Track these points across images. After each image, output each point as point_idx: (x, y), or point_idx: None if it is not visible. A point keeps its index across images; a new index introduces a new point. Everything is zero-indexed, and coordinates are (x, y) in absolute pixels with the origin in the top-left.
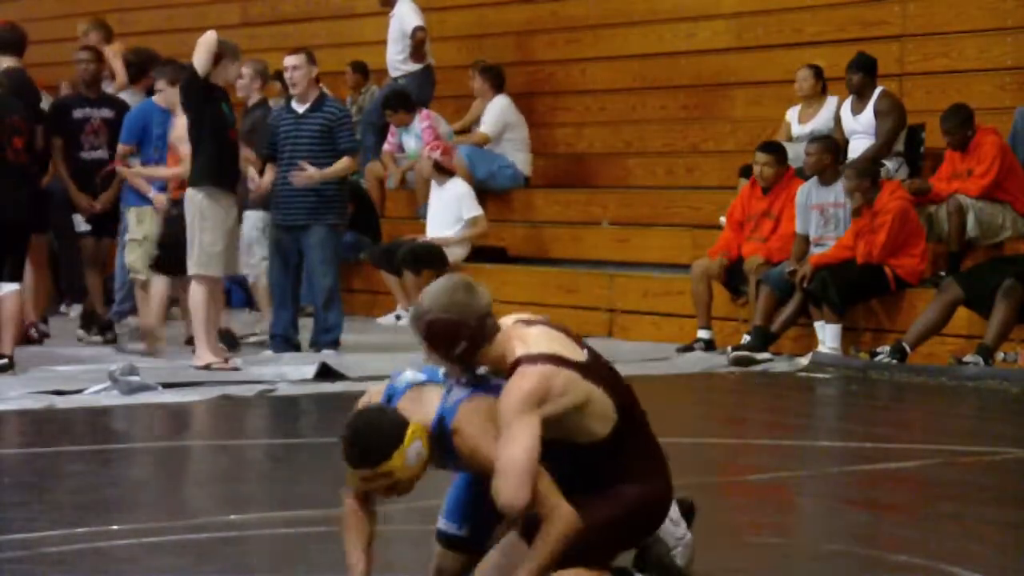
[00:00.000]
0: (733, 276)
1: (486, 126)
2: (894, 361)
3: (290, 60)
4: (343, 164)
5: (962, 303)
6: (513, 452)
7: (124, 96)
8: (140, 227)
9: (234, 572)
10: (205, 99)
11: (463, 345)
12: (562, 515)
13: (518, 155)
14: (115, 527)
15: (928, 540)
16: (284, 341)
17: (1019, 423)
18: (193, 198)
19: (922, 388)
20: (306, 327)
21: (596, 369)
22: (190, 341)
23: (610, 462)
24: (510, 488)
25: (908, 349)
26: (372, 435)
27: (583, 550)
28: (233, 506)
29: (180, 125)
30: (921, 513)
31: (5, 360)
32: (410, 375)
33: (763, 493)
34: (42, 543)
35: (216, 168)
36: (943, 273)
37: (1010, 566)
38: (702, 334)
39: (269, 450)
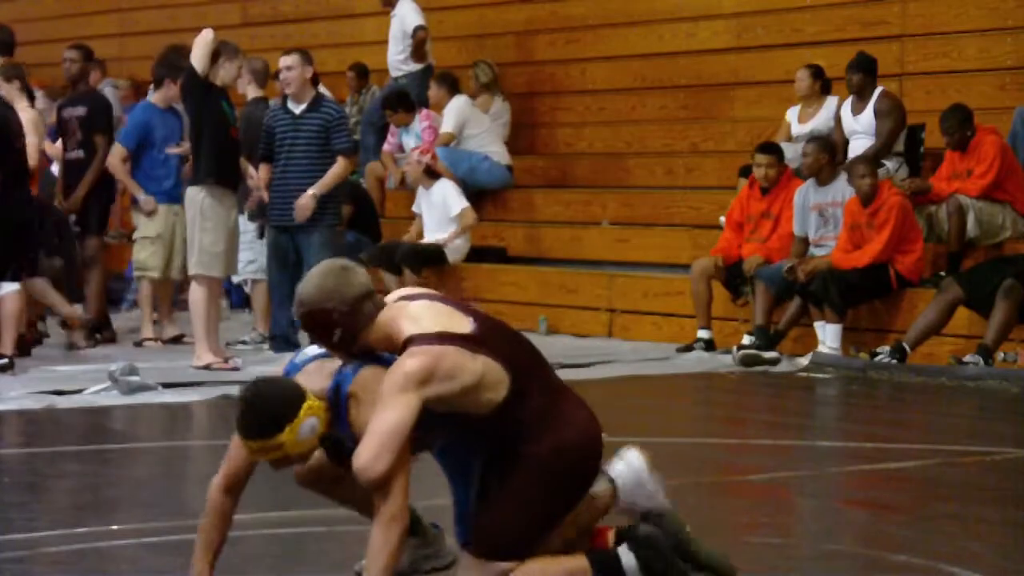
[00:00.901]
0: (733, 277)
1: (446, 126)
2: (894, 361)
3: (285, 60)
4: (339, 168)
5: (962, 303)
6: (381, 422)
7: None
8: (152, 225)
9: (234, 572)
10: (204, 97)
11: (339, 332)
12: (397, 520)
13: (491, 148)
14: (115, 527)
15: (928, 540)
16: (284, 341)
17: (1019, 423)
18: (194, 197)
19: (922, 388)
20: None
21: (485, 336)
22: (177, 340)
23: (511, 424)
24: (368, 454)
25: (908, 349)
26: (266, 408)
27: (524, 530)
28: None
29: None
30: (921, 513)
31: (5, 360)
32: (313, 349)
33: (763, 493)
34: (42, 543)
35: (217, 167)
36: (943, 273)
37: (1010, 566)
38: (702, 334)
39: None
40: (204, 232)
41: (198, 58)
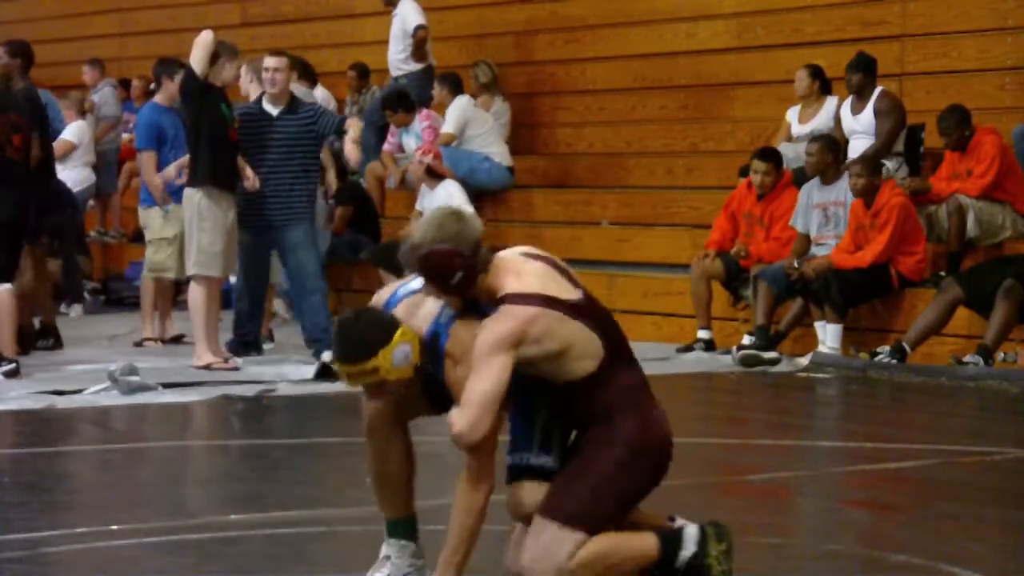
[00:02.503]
0: (732, 278)
1: (448, 126)
2: (894, 361)
3: (271, 62)
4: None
5: (962, 303)
6: (477, 387)
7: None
8: (168, 227)
9: (234, 572)
10: (203, 98)
11: (460, 275)
12: (483, 485)
13: (492, 148)
14: (115, 527)
15: (928, 540)
16: (250, 346)
17: (1019, 423)
18: (191, 198)
19: (922, 388)
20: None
21: (589, 308)
22: (177, 340)
23: (601, 395)
24: (466, 420)
25: (908, 349)
26: (360, 331)
27: (602, 504)
28: (233, 506)
29: None
30: (921, 513)
31: (13, 365)
32: (407, 287)
33: (763, 493)
34: (42, 543)
35: (215, 168)
36: (943, 273)
37: (1010, 566)
38: (702, 334)
39: (269, 450)
40: (202, 232)
41: (197, 59)
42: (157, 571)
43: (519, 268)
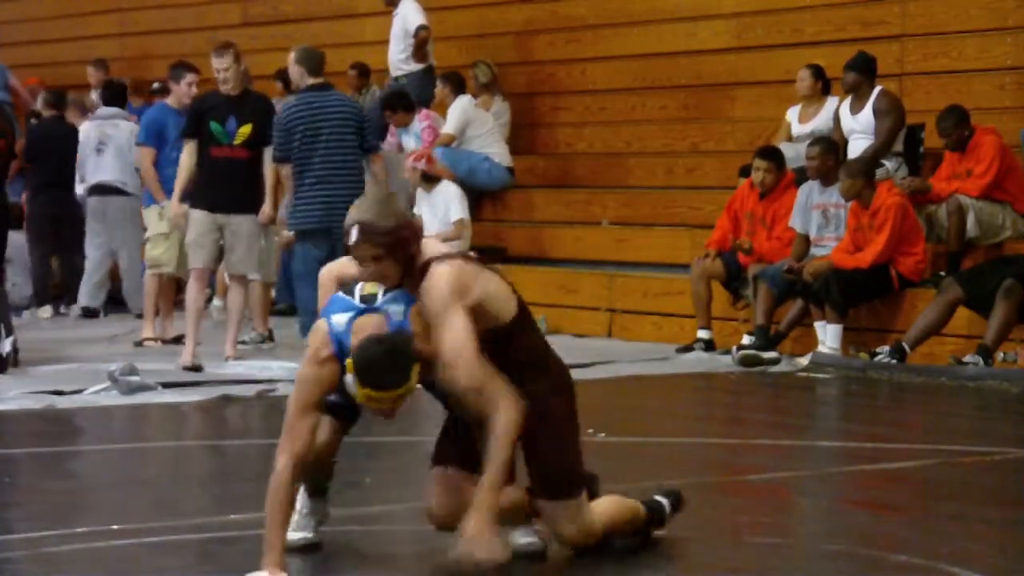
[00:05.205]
0: (733, 280)
1: (449, 126)
2: (894, 361)
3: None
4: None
5: (962, 303)
6: (454, 340)
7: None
8: (164, 222)
9: (234, 572)
10: (198, 122)
11: (415, 244)
12: (506, 405)
13: (491, 149)
14: (115, 527)
15: (928, 540)
16: None
17: (1019, 423)
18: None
19: (922, 388)
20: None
21: (495, 272)
22: (178, 340)
23: (527, 337)
24: (465, 373)
25: (908, 349)
26: (392, 359)
27: (578, 457)
28: (233, 506)
29: None
30: (921, 513)
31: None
32: (339, 318)
33: (763, 493)
34: (42, 543)
35: (195, 185)
36: (943, 273)
37: (1010, 566)
38: (702, 334)
39: (269, 450)
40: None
41: None
42: (157, 571)
43: (431, 246)
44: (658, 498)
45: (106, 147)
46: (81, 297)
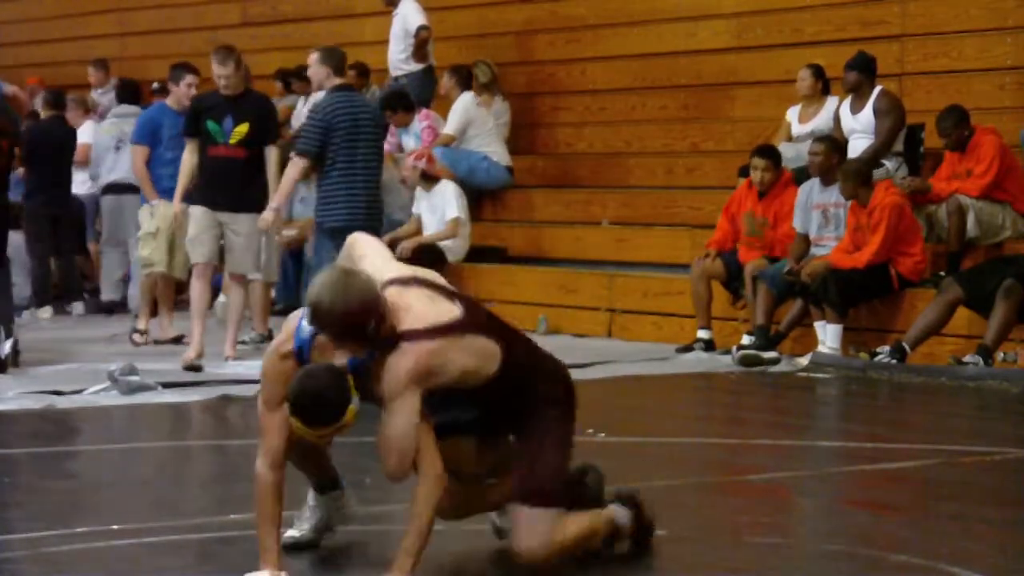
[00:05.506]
0: (732, 278)
1: (449, 126)
2: (894, 361)
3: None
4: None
5: (962, 303)
6: (394, 430)
7: None
8: (152, 221)
9: (234, 572)
10: (197, 122)
11: (372, 326)
12: (430, 476)
13: (491, 148)
14: (115, 527)
15: (928, 540)
16: None
17: (1019, 423)
18: None
19: (922, 388)
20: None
21: (470, 319)
22: (177, 340)
23: (512, 383)
24: (393, 465)
25: (908, 349)
26: (332, 396)
27: (565, 470)
28: (233, 506)
29: None
30: (921, 513)
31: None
32: (308, 324)
33: (763, 493)
34: (42, 543)
35: (196, 184)
36: (943, 273)
37: (1010, 566)
38: (702, 334)
39: None
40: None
41: None
42: (157, 571)
43: (405, 303)
44: (615, 507)
45: (124, 145)
46: (104, 293)
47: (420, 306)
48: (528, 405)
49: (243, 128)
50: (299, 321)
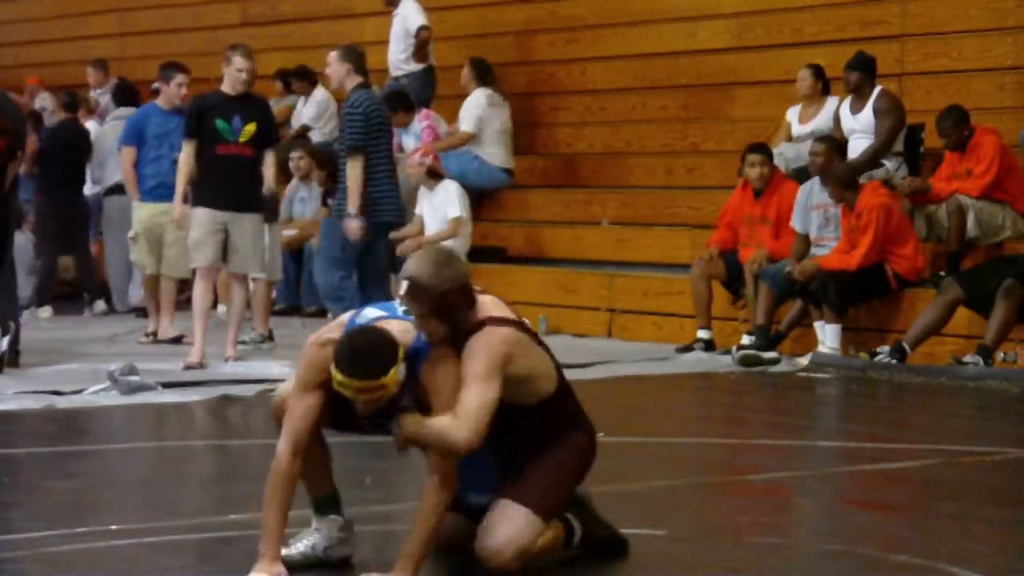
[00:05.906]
0: (733, 278)
1: (466, 123)
2: (894, 361)
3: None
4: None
5: (962, 303)
6: (475, 401)
7: None
8: (134, 224)
9: (234, 572)
10: (200, 119)
11: (464, 311)
12: (444, 485)
13: (488, 149)
14: (115, 527)
15: (928, 540)
16: None
17: (1019, 423)
18: None
19: (922, 388)
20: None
21: (537, 339)
22: (177, 340)
23: (557, 415)
24: (469, 433)
25: (908, 349)
26: (377, 349)
27: (565, 498)
28: (233, 506)
29: None
30: (921, 513)
31: None
32: (371, 312)
33: (763, 493)
34: (42, 543)
35: (198, 183)
36: (943, 273)
37: (1010, 566)
38: (702, 334)
39: (269, 450)
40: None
41: None
42: (157, 571)
43: (491, 300)
44: (568, 516)
45: None
46: (132, 299)
47: (497, 308)
48: (554, 442)
49: (252, 127)
50: (354, 317)
